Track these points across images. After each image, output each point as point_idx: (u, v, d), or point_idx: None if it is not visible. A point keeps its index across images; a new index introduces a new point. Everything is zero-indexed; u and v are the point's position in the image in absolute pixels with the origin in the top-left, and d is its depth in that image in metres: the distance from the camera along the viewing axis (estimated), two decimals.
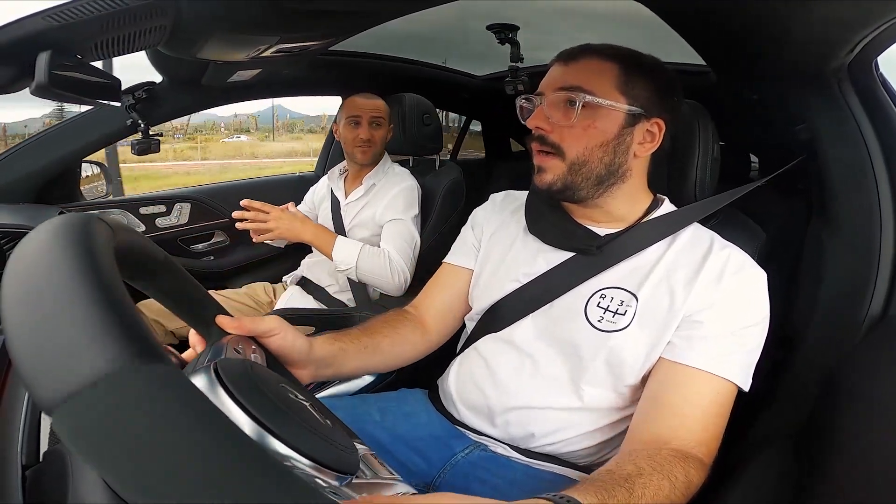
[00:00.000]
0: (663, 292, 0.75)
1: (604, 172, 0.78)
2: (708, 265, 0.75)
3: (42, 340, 0.25)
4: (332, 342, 0.78)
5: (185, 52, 1.03)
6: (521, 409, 0.80)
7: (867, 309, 0.81)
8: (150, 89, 1.49)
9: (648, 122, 0.78)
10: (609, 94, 0.76)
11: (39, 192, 1.53)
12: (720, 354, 0.71)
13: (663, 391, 0.72)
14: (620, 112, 0.76)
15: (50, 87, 0.74)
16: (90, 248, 0.29)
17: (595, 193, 0.80)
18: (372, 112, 1.52)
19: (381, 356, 0.86)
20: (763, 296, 0.75)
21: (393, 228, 1.47)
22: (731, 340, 0.72)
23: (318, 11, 0.91)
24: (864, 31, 0.74)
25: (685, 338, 0.73)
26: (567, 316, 0.80)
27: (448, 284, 0.98)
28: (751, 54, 0.93)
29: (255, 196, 1.40)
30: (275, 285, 1.73)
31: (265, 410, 0.38)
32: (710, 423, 0.69)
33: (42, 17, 0.71)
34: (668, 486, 0.59)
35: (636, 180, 0.82)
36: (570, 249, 0.83)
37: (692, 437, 0.67)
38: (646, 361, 0.75)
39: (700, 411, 0.69)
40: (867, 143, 0.85)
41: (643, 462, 0.61)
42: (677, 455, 0.64)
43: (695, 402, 0.69)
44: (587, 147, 0.76)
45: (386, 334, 0.87)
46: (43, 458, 0.45)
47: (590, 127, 0.76)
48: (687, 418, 0.68)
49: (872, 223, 0.84)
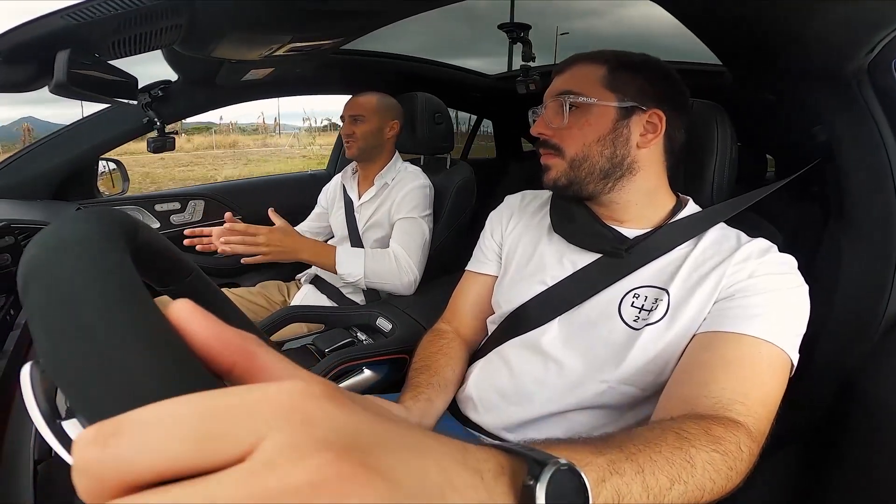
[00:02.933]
0: (694, 283, 0.75)
1: (607, 165, 0.81)
2: (738, 253, 0.75)
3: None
4: (417, 398, 0.84)
5: (200, 50, 1.04)
6: (543, 419, 0.80)
7: (884, 312, 0.80)
8: (166, 88, 1.51)
9: (646, 114, 0.80)
10: (596, 93, 0.80)
11: (57, 188, 1.56)
12: (752, 315, 0.67)
13: (692, 356, 0.69)
14: (610, 107, 0.80)
15: (69, 85, 0.75)
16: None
17: (604, 187, 0.82)
18: (351, 110, 1.53)
19: (453, 386, 0.91)
20: (796, 272, 0.73)
21: (403, 226, 1.47)
22: (764, 307, 0.68)
23: (330, 11, 0.92)
24: (883, 31, 0.73)
25: (720, 309, 0.71)
26: (600, 319, 0.79)
27: (473, 292, 1.01)
28: (768, 55, 0.92)
29: (267, 194, 1.41)
30: (288, 284, 1.74)
31: None
32: (749, 385, 0.61)
33: (61, 15, 0.72)
34: (684, 453, 0.49)
35: (650, 176, 0.82)
36: (599, 251, 0.83)
37: (724, 396, 0.60)
38: (676, 352, 0.73)
39: (733, 366, 0.63)
40: (886, 145, 0.84)
41: (657, 432, 0.51)
42: (690, 417, 0.56)
43: (725, 357, 0.64)
44: (584, 143, 0.81)
45: (445, 364, 0.92)
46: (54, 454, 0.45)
47: (584, 125, 0.81)
48: (716, 372, 0.63)
49: (890, 225, 0.82)
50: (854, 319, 0.83)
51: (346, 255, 1.39)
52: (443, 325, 1.01)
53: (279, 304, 1.66)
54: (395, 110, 1.58)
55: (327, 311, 1.34)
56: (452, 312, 1.01)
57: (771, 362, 0.65)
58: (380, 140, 1.55)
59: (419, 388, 0.85)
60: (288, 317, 1.25)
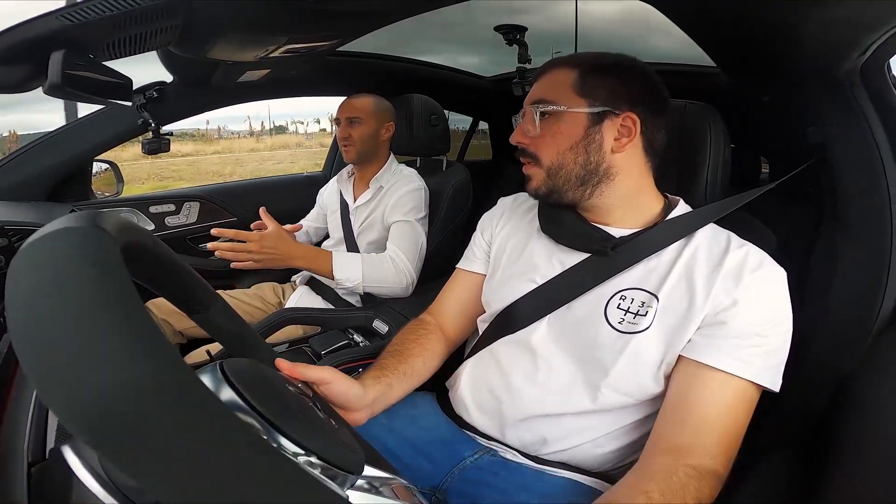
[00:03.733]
0: (683, 291, 0.75)
1: (582, 172, 0.80)
2: (727, 262, 0.74)
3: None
4: (379, 380, 0.81)
5: (196, 52, 1.04)
6: (535, 418, 0.80)
7: (878, 313, 0.80)
8: (161, 89, 1.51)
9: (619, 118, 0.79)
10: (566, 100, 0.80)
11: (52, 190, 1.55)
12: (745, 356, 0.70)
13: (686, 395, 0.71)
14: (581, 114, 0.79)
15: (63, 86, 0.74)
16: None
17: (583, 194, 0.82)
18: (348, 113, 1.52)
19: (417, 377, 0.89)
20: (785, 293, 0.74)
21: (399, 229, 1.47)
22: (755, 341, 0.71)
23: (327, 12, 0.92)
24: (876, 33, 0.73)
25: (708, 336, 0.72)
26: (587, 318, 0.80)
27: (462, 289, 1.01)
28: (762, 56, 0.92)
29: (263, 196, 1.40)
30: (283, 285, 1.74)
31: (272, 408, 0.38)
32: (732, 428, 0.69)
33: (56, 16, 0.71)
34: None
35: (630, 179, 0.82)
36: (585, 250, 0.83)
37: (712, 446, 0.67)
38: (663, 362, 0.74)
39: (723, 417, 0.68)
40: (879, 145, 0.84)
41: (655, 491, 0.62)
42: (693, 474, 0.64)
43: (718, 407, 0.69)
44: (558, 152, 0.80)
45: (418, 354, 0.90)
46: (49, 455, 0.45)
47: (557, 133, 0.80)
48: (708, 425, 0.68)
49: (884, 226, 0.83)
50: (848, 321, 0.83)
51: (344, 261, 1.38)
52: (427, 317, 1.01)
53: (275, 306, 1.65)
54: (389, 112, 1.58)
55: (324, 314, 1.34)
56: (438, 306, 1.02)
57: (752, 402, 0.71)
58: (377, 143, 1.55)
59: (383, 371, 0.83)
60: (284, 319, 1.24)
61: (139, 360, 0.25)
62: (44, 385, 0.24)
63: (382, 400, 0.80)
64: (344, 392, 0.70)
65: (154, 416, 0.24)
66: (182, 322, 1.46)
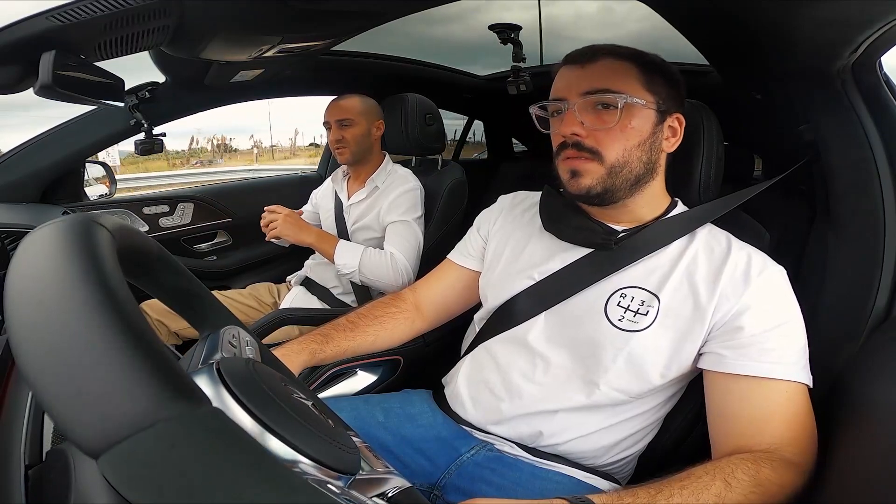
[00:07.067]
0: (686, 292, 0.75)
1: (642, 172, 0.78)
2: (729, 265, 0.74)
3: (75, 387, 0.25)
4: (315, 354, 0.87)
5: (189, 52, 1.03)
6: (532, 414, 0.80)
7: (870, 310, 0.80)
8: (154, 89, 1.50)
9: (671, 118, 0.79)
10: (640, 93, 0.76)
11: (44, 191, 1.54)
12: (773, 358, 0.69)
13: (729, 405, 0.71)
14: (652, 110, 0.77)
15: (54, 86, 0.74)
16: (114, 293, 0.28)
17: (631, 195, 0.79)
18: (337, 115, 1.52)
19: (363, 349, 0.95)
20: (789, 288, 0.75)
21: (396, 230, 1.47)
22: (776, 341, 0.71)
23: (320, 12, 0.91)
24: (867, 31, 0.73)
25: (731, 347, 0.71)
26: (586, 315, 0.79)
27: (448, 279, 1.01)
28: (754, 54, 0.93)
29: (257, 196, 1.41)
30: (278, 286, 1.74)
31: (268, 411, 0.38)
32: (791, 423, 0.68)
33: (46, 17, 0.71)
34: (721, 485, 0.60)
35: (660, 178, 0.83)
36: (588, 245, 0.82)
37: (773, 439, 0.66)
38: (671, 361, 0.74)
39: (776, 415, 0.68)
40: (871, 143, 0.85)
41: (700, 467, 0.62)
42: (747, 458, 0.64)
43: (766, 408, 0.68)
44: (626, 148, 0.76)
45: (374, 334, 0.95)
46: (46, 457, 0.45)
47: (626, 128, 0.75)
48: (763, 424, 0.68)
49: (876, 224, 0.83)
50: (841, 318, 0.84)
51: (345, 247, 1.45)
52: (406, 293, 1.02)
53: (270, 306, 1.65)
54: (377, 110, 1.58)
55: (319, 314, 1.34)
56: (424, 289, 1.03)
57: (802, 395, 0.70)
58: (369, 142, 1.55)
59: (326, 343, 0.89)
60: (280, 320, 1.24)
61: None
62: (43, 386, 0.24)
63: (307, 363, 0.86)
64: (296, 369, 0.80)
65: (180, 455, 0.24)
66: (177, 323, 1.46)
